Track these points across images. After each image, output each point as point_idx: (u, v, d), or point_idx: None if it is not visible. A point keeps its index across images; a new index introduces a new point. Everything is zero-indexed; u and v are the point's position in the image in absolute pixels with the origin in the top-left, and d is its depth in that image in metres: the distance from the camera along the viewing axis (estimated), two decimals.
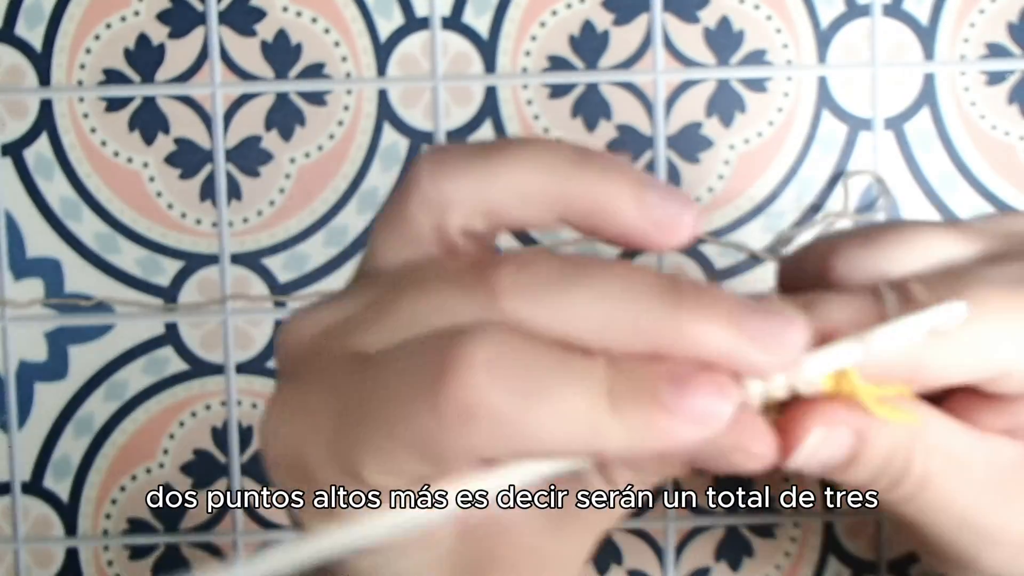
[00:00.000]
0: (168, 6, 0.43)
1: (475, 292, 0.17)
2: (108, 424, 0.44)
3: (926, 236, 0.21)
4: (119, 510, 0.44)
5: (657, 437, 0.16)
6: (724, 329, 0.17)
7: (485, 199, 0.18)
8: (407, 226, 0.19)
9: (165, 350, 0.44)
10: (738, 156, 0.43)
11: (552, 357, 0.17)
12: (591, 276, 0.17)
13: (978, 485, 0.20)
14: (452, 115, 0.43)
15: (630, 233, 0.18)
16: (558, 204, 0.18)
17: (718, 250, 0.43)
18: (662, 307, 0.17)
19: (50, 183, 0.43)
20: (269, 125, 0.43)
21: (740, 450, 0.18)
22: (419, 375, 0.17)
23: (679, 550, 0.44)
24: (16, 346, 0.44)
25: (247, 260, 0.44)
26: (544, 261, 0.17)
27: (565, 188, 0.18)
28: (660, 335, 0.17)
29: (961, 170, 0.43)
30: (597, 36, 0.43)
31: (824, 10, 0.43)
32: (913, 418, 0.20)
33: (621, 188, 0.18)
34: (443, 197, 0.18)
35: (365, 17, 0.43)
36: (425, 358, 0.17)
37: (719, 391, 0.17)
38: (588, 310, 0.17)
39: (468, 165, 0.18)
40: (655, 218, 0.18)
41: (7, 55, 0.43)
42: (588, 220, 0.18)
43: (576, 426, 0.16)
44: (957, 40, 0.43)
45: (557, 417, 0.16)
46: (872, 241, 0.21)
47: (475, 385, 0.16)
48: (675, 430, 0.16)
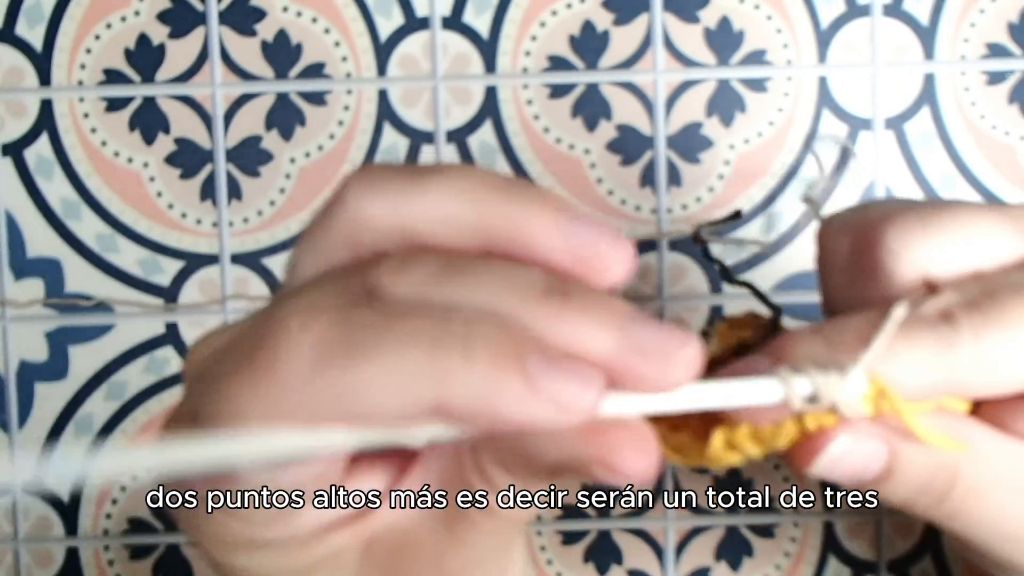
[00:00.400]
0: (168, 6, 0.43)
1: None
2: (108, 424, 0.44)
3: (981, 224, 0.20)
4: (119, 510, 0.44)
5: (506, 402, 0.16)
6: (609, 333, 0.17)
7: (402, 220, 0.18)
8: (325, 240, 0.19)
9: (165, 350, 0.44)
10: (738, 156, 0.43)
11: (381, 315, 0.17)
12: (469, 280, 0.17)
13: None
14: (452, 115, 0.43)
15: (555, 266, 0.18)
16: (480, 232, 0.18)
17: (719, 250, 0.43)
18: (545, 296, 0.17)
19: (50, 183, 0.43)
20: (269, 125, 0.43)
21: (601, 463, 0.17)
22: (246, 344, 0.18)
23: (679, 550, 0.44)
24: (16, 346, 0.44)
25: (247, 260, 0.44)
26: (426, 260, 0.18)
27: (486, 216, 0.18)
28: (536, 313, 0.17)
29: (961, 170, 0.43)
30: (597, 36, 0.43)
31: (824, 10, 0.43)
32: (958, 445, 0.19)
33: (543, 219, 0.18)
34: (362, 214, 0.18)
35: (365, 17, 0.43)
36: (252, 331, 0.18)
37: (588, 382, 0.16)
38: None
39: (392, 186, 0.18)
40: (579, 252, 0.18)
41: (7, 55, 0.43)
42: (511, 249, 0.18)
43: (407, 378, 0.16)
44: (957, 40, 0.43)
45: (384, 370, 0.16)
46: (928, 223, 0.20)
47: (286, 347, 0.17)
48: (526, 401, 0.16)
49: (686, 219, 0.43)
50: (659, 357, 0.17)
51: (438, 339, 0.16)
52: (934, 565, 0.44)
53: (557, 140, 0.43)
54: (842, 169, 0.42)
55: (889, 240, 0.20)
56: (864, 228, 0.21)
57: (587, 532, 0.44)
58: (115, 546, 0.44)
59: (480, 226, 0.18)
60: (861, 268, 0.21)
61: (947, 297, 0.20)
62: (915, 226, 0.20)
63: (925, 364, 0.19)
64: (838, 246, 0.22)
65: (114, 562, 0.44)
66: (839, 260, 0.22)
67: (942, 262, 0.20)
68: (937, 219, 0.20)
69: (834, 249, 0.23)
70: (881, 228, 0.21)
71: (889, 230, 0.20)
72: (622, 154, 0.43)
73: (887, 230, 0.20)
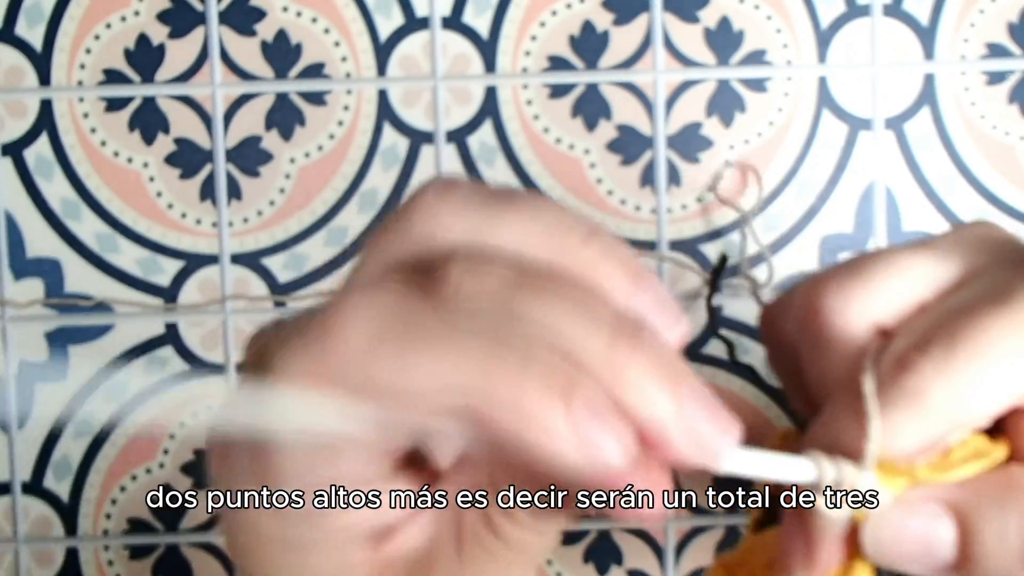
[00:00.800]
0: (168, 6, 0.43)
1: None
2: (109, 424, 0.44)
3: (909, 262, 0.21)
4: (119, 510, 0.44)
5: (539, 431, 0.16)
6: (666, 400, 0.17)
7: (478, 242, 0.19)
8: (396, 247, 0.19)
9: (165, 350, 0.44)
10: (738, 156, 0.43)
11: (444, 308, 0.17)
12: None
13: None
14: (452, 115, 0.43)
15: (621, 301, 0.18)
16: (552, 267, 0.18)
17: (715, 250, 0.43)
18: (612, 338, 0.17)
19: (50, 183, 0.43)
20: (269, 125, 0.43)
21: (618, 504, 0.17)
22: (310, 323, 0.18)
23: (679, 550, 0.44)
24: (16, 346, 0.44)
25: (247, 260, 0.44)
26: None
27: (561, 258, 0.18)
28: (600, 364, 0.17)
29: (961, 170, 0.43)
30: (597, 36, 0.43)
31: (824, 10, 0.43)
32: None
33: (615, 275, 0.18)
34: (438, 231, 0.19)
35: (365, 17, 0.43)
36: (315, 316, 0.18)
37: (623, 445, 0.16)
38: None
39: (471, 210, 0.19)
40: (645, 300, 0.18)
41: (7, 55, 0.43)
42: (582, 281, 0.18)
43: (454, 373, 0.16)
44: (957, 40, 0.43)
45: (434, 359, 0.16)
46: (859, 274, 0.21)
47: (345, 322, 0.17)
48: (559, 438, 0.16)
49: (685, 219, 0.43)
50: (700, 442, 0.17)
51: (498, 346, 0.16)
52: None
53: (557, 140, 0.43)
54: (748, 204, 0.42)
55: (830, 302, 0.21)
56: (803, 301, 0.22)
57: (587, 532, 0.44)
58: (115, 546, 0.44)
59: (553, 264, 0.18)
60: (813, 341, 0.22)
61: (900, 342, 0.20)
62: (848, 280, 0.21)
63: (910, 424, 0.19)
64: (783, 331, 0.23)
65: (114, 562, 0.44)
66: (788, 342, 0.23)
67: (885, 306, 0.21)
68: (867, 268, 0.21)
69: (780, 334, 0.23)
70: (818, 294, 0.21)
71: (826, 293, 0.21)
72: (622, 154, 0.43)
73: (825, 294, 0.21)
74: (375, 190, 0.43)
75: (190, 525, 0.44)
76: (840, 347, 0.21)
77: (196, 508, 0.44)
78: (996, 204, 0.43)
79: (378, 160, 0.43)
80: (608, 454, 0.16)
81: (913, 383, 0.19)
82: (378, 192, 0.43)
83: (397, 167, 0.43)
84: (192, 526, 0.44)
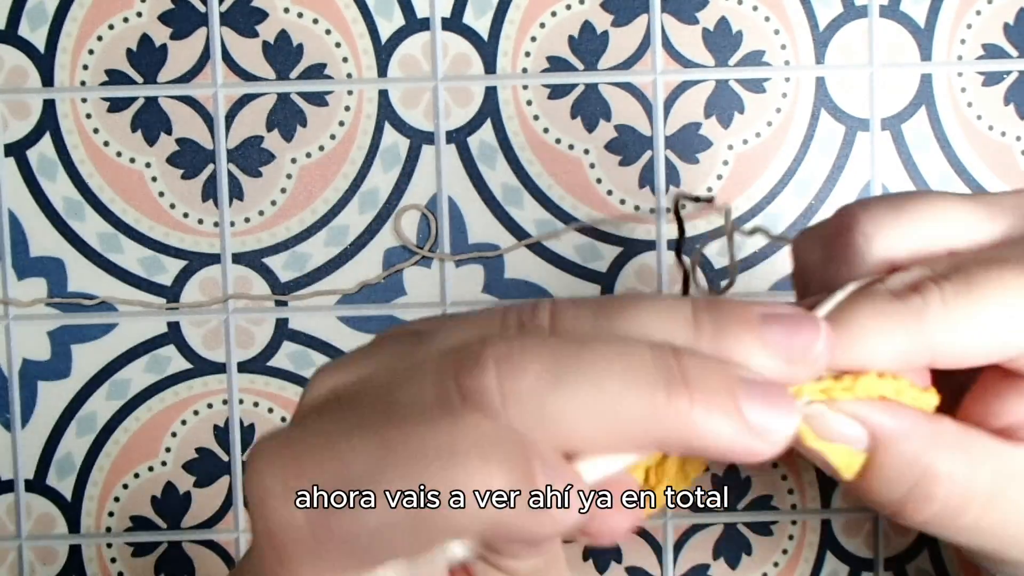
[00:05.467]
0: (170, 7, 0.43)
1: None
2: (111, 422, 0.44)
3: (952, 208, 0.21)
4: (122, 508, 0.44)
5: (716, 436, 0.17)
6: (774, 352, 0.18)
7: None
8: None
9: (167, 349, 0.44)
10: (737, 156, 0.43)
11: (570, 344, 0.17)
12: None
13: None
14: (452, 115, 0.43)
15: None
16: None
17: (716, 249, 0.43)
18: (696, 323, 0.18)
19: (53, 183, 0.44)
20: (270, 125, 0.43)
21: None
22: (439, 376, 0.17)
23: (678, 548, 0.44)
24: (19, 345, 0.44)
25: (248, 260, 0.44)
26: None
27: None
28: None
29: (958, 170, 0.43)
30: (596, 37, 0.43)
31: (822, 11, 0.43)
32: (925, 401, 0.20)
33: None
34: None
35: (366, 18, 0.43)
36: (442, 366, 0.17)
37: (789, 409, 0.17)
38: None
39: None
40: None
41: (10, 56, 0.43)
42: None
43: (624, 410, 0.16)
44: (954, 41, 0.43)
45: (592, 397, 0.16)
46: (900, 208, 0.21)
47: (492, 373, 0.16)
48: (737, 435, 0.17)
49: (685, 219, 0.43)
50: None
51: (653, 373, 0.17)
52: (931, 562, 0.44)
53: (557, 140, 0.43)
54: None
55: (863, 223, 0.21)
56: (840, 215, 0.22)
57: None
58: (118, 544, 0.44)
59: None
60: (833, 255, 0.22)
61: (916, 272, 0.20)
62: (888, 211, 0.21)
63: (894, 333, 0.19)
64: (812, 251, 0.23)
65: (116, 559, 0.44)
66: (813, 262, 0.23)
67: (915, 244, 0.21)
68: (910, 204, 0.21)
69: (808, 253, 0.23)
70: (856, 213, 0.22)
71: (863, 214, 0.21)
72: (621, 154, 0.43)
73: (862, 214, 0.21)
74: (376, 190, 0.44)
75: (192, 523, 0.44)
76: (853, 269, 0.21)
77: (198, 506, 0.44)
78: None
79: (379, 160, 0.43)
80: (782, 425, 0.17)
81: (917, 305, 0.19)
82: (379, 192, 0.44)
83: (398, 167, 0.43)
84: (194, 524, 0.44)
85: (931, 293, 0.19)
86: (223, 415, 0.44)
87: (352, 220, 0.44)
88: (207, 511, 0.44)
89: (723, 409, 0.17)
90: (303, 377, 0.44)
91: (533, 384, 0.16)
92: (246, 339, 0.44)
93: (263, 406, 0.44)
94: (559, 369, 0.16)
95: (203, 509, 0.44)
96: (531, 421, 0.16)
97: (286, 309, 0.44)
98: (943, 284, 0.19)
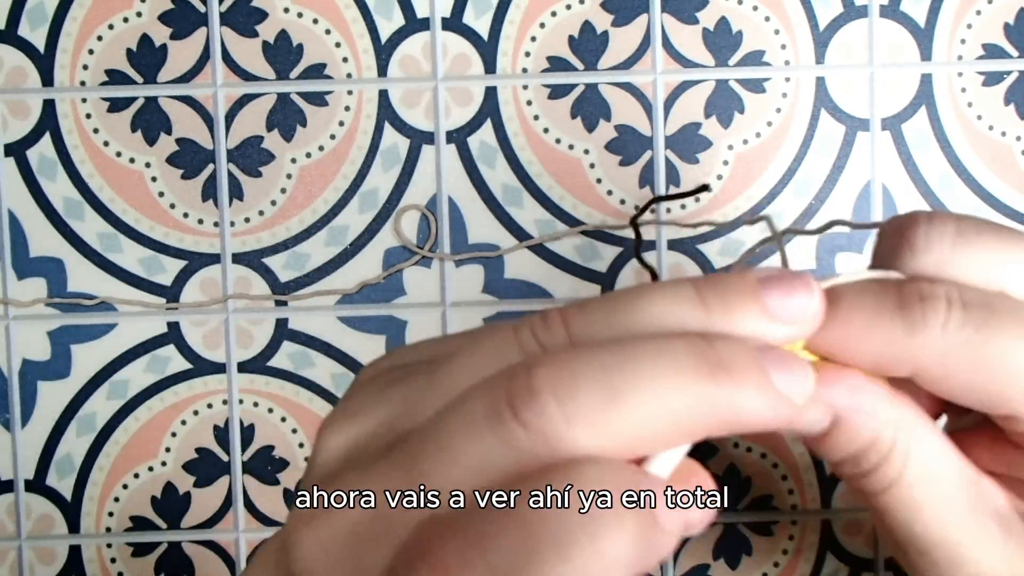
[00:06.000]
0: (170, 7, 0.43)
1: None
2: (111, 422, 0.44)
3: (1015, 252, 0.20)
4: (121, 508, 0.44)
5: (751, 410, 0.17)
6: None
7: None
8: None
9: (167, 349, 0.44)
10: (737, 156, 0.43)
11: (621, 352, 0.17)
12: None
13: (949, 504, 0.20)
14: (452, 115, 0.43)
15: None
16: None
17: (716, 249, 0.43)
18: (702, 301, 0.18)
19: (53, 183, 0.44)
20: (270, 125, 0.43)
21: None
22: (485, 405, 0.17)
23: (678, 547, 0.44)
24: (19, 345, 0.44)
25: (248, 260, 0.44)
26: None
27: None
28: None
29: (958, 170, 0.43)
30: (596, 37, 0.43)
31: (822, 11, 0.43)
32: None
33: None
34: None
35: (366, 18, 0.43)
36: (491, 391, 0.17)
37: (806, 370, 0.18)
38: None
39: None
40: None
41: (10, 56, 0.43)
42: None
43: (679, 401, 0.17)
44: (954, 41, 0.43)
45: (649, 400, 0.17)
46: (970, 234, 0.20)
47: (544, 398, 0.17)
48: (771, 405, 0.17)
49: (684, 218, 0.43)
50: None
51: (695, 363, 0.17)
52: None
53: (557, 140, 0.43)
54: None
55: (916, 238, 0.20)
56: (906, 218, 0.21)
57: None
58: (117, 544, 0.44)
59: None
60: (883, 254, 0.21)
61: (941, 288, 0.19)
62: (945, 235, 0.20)
63: (879, 334, 0.19)
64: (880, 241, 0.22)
65: (116, 560, 0.44)
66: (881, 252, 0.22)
67: (965, 272, 0.20)
68: (983, 234, 0.20)
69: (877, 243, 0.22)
70: (915, 224, 0.20)
71: (920, 229, 0.20)
72: (621, 154, 0.43)
73: (918, 228, 0.20)
74: (376, 190, 0.44)
75: (192, 523, 0.44)
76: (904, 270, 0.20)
77: (198, 506, 0.44)
78: (993, 204, 0.43)
79: (379, 160, 0.43)
80: (805, 390, 0.18)
81: (914, 318, 0.19)
82: (379, 192, 0.44)
83: (398, 167, 0.43)
84: (194, 524, 0.44)
85: (935, 315, 0.19)
86: (223, 415, 0.44)
87: (352, 220, 0.44)
88: (207, 511, 0.44)
89: (757, 383, 0.17)
90: (303, 377, 0.44)
91: (594, 402, 0.16)
92: (246, 339, 0.44)
93: (263, 406, 0.44)
94: (611, 381, 0.17)
95: (203, 509, 0.44)
96: (602, 439, 0.17)
97: (286, 309, 0.44)
98: (954, 311, 0.19)
